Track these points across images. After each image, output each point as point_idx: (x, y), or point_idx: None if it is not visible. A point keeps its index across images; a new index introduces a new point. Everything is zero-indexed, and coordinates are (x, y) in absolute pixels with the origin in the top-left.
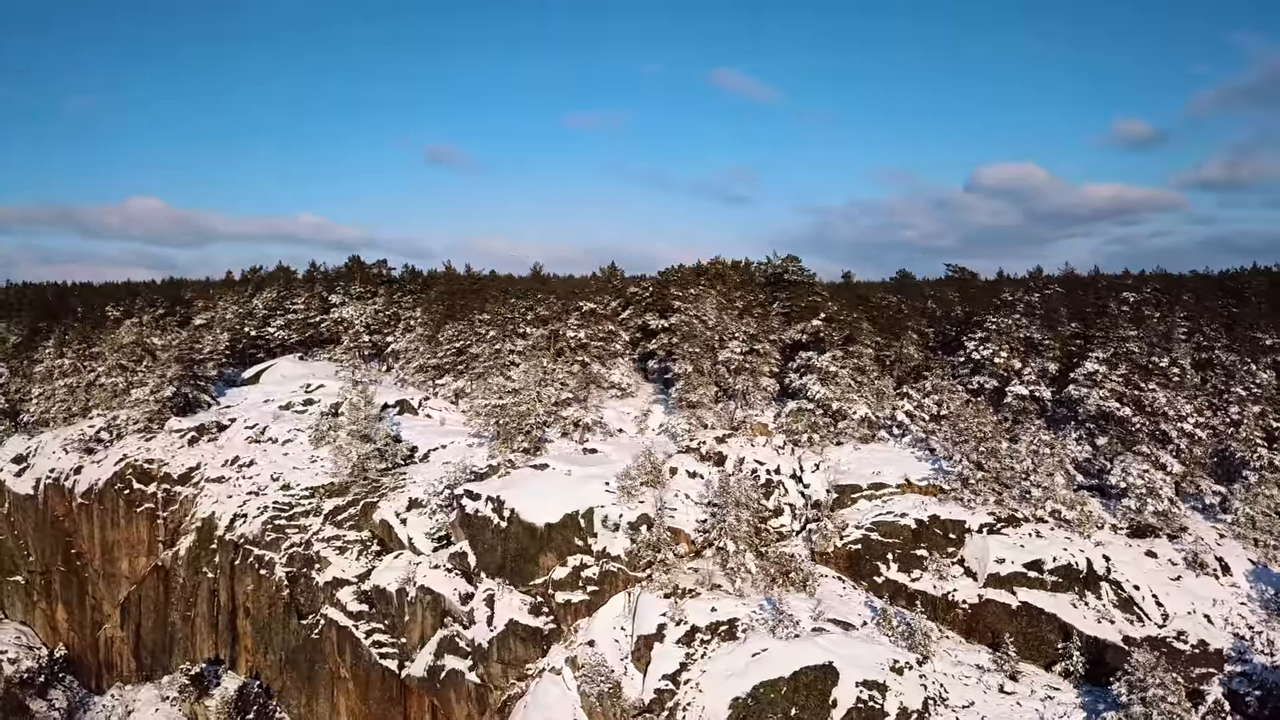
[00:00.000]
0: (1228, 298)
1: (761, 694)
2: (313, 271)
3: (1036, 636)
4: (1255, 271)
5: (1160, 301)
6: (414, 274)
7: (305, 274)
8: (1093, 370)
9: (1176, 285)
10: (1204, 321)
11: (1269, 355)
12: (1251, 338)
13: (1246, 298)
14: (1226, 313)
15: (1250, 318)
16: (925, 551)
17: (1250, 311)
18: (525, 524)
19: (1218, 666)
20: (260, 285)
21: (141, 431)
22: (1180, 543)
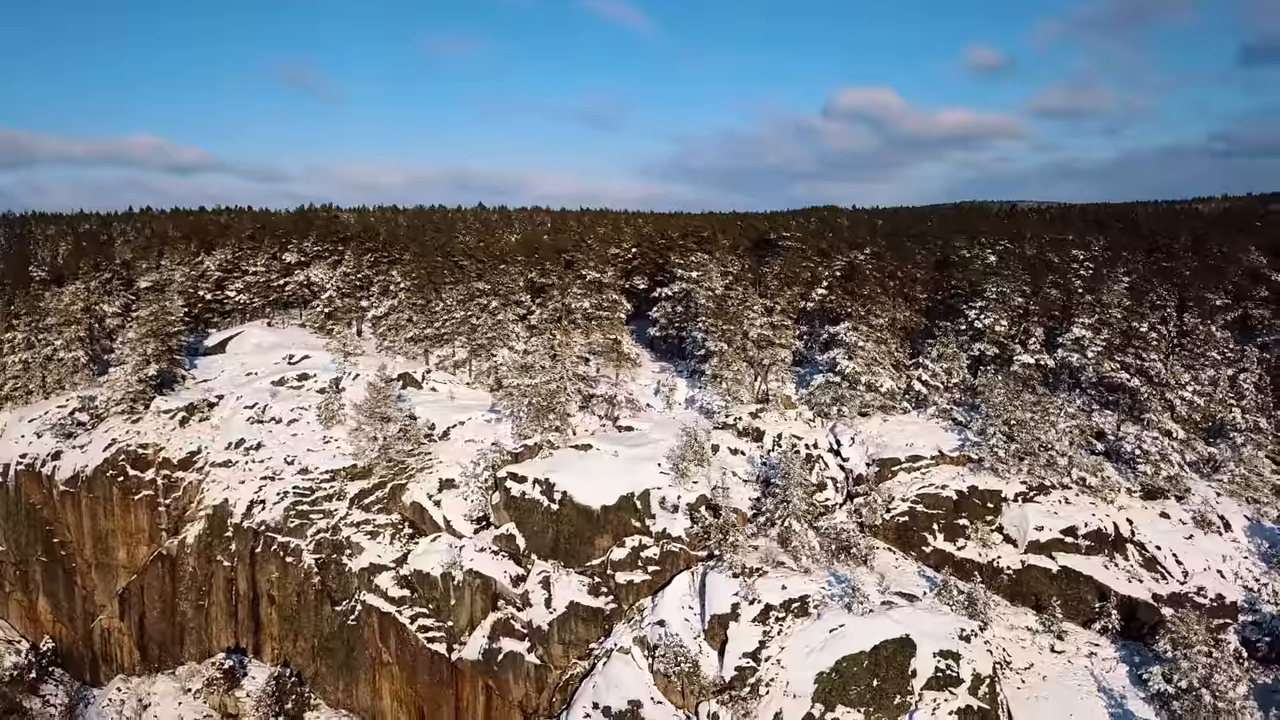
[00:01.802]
0: (1152, 238)
1: (844, 668)
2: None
3: (1075, 597)
4: (1161, 211)
5: (1104, 260)
6: (369, 231)
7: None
8: (1079, 335)
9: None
10: (1156, 283)
11: (1221, 315)
12: (1203, 298)
13: (1173, 249)
14: (1157, 265)
15: (1184, 270)
16: (966, 521)
17: (1183, 264)
18: (580, 506)
19: (1233, 617)
20: (204, 242)
21: (125, 413)
22: (1187, 503)
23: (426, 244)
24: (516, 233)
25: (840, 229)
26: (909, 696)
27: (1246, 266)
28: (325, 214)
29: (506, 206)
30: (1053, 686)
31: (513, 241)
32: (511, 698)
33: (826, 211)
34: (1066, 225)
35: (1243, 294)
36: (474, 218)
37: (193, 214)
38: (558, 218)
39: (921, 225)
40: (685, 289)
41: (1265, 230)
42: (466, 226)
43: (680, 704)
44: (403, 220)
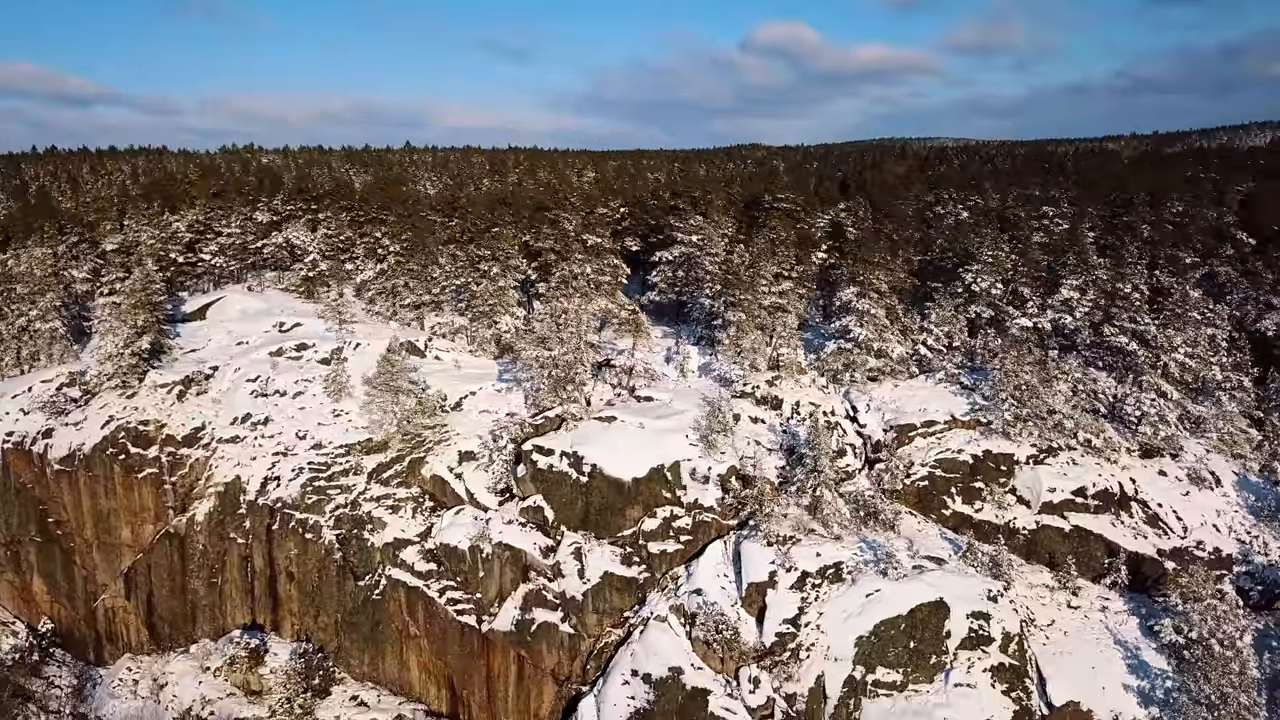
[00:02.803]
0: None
1: (883, 631)
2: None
3: (1086, 554)
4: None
5: (1068, 214)
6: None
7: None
8: (1067, 296)
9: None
10: (1127, 240)
11: (1191, 273)
12: (1174, 256)
13: (1132, 202)
14: (1118, 220)
15: (1141, 224)
16: (981, 483)
17: (1141, 217)
18: (610, 479)
19: (1228, 568)
20: (168, 199)
21: (119, 388)
22: (1181, 461)
23: (405, 201)
24: (456, 177)
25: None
26: (944, 656)
27: (1209, 225)
28: (247, 155)
29: (436, 147)
30: (1074, 641)
31: (483, 190)
32: (544, 666)
33: (762, 154)
34: (1020, 175)
35: (1209, 251)
36: (402, 158)
37: (110, 154)
38: (494, 158)
39: (854, 166)
40: (686, 253)
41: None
42: (412, 166)
43: (719, 669)
44: (335, 162)
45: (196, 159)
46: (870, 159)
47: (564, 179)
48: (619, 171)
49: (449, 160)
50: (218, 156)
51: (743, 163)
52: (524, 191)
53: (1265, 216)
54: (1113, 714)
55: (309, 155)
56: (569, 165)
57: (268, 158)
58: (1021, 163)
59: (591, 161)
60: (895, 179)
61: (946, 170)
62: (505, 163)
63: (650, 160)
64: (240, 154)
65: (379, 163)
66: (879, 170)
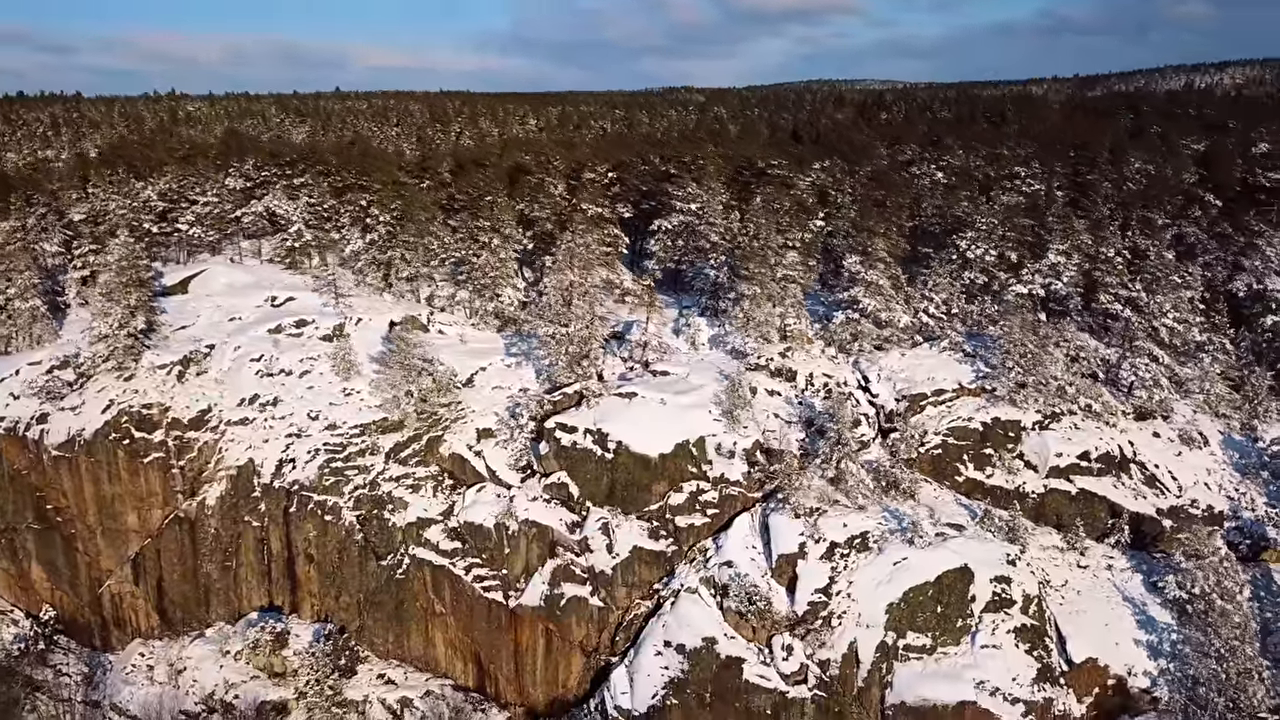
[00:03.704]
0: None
1: (911, 597)
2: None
3: (1090, 515)
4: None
5: (1039, 173)
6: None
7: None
8: (1055, 262)
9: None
10: (1099, 201)
11: (1162, 234)
12: (1146, 218)
13: (1095, 161)
14: (1081, 178)
15: (1104, 182)
16: (991, 450)
17: (1104, 175)
18: (637, 455)
19: (1219, 524)
20: (131, 165)
21: (115, 370)
22: (1172, 422)
23: (373, 158)
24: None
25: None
26: (969, 619)
27: (1176, 185)
28: (172, 103)
29: (369, 92)
30: (1087, 600)
31: (451, 145)
32: (572, 638)
33: (701, 99)
34: (964, 125)
35: (1178, 213)
36: (334, 106)
37: (19, 101)
38: (433, 106)
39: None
40: (685, 222)
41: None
42: (350, 116)
43: (751, 638)
44: (269, 112)
45: (116, 106)
46: (809, 105)
47: (506, 127)
48: (562, 119)
49: (387, 109)
50: (140, 104)
51: (683, 109)
52: (488, 148)
53: (1225, 175)
54: (1126, 667)
55: (237, 104)
56: (509, 113)
57: (193, 105)
58: (956, 109)
59: (530, 108)
60: (862, 136)
61: (891, 119)
62: (446, 111)
63: (590, 106)
64: (165, 102)
65: (315, 112)
66: (819, 116)
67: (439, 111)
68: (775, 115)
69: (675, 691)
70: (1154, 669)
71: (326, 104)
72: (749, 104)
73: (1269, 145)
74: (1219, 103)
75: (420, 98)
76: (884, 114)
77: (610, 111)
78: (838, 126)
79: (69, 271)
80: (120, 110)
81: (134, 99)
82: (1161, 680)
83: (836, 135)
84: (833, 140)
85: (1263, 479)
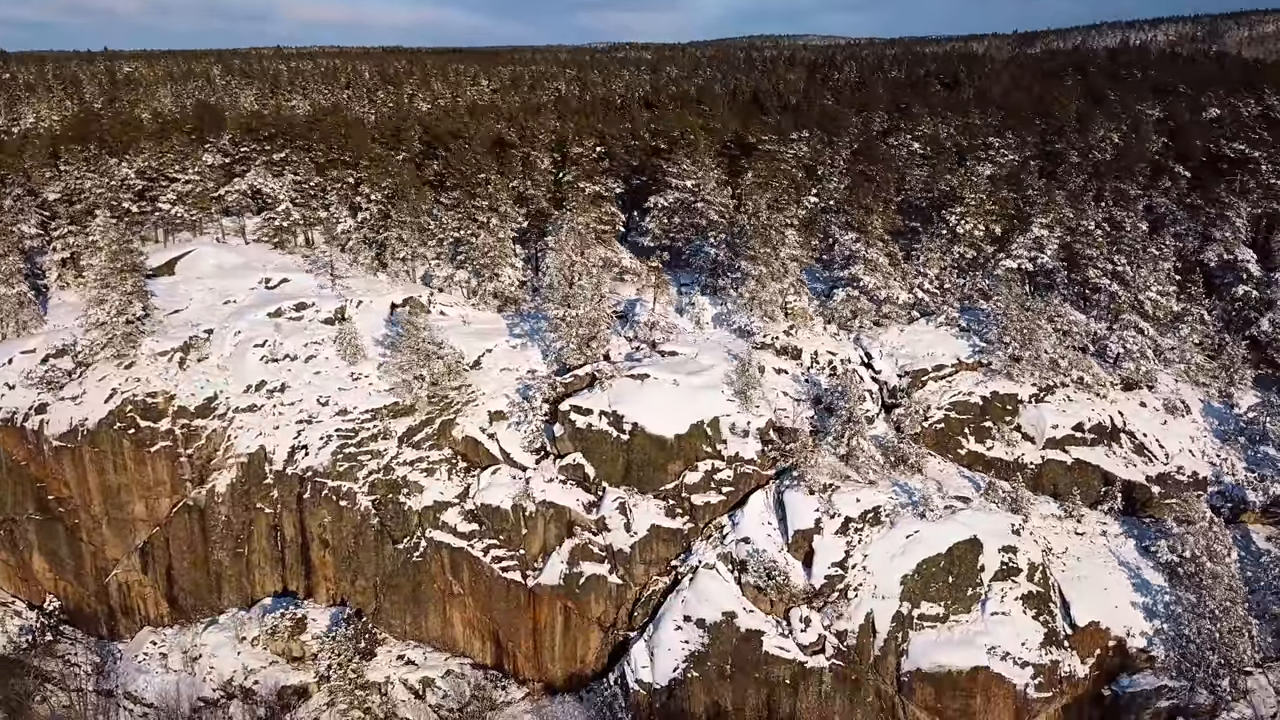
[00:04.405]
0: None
1: (924, 569)
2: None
3: (1085, 484)
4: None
5: (1012, 144)
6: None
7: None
8: (1038, 235)
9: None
10: (1074, 173)
11: (1135, 205)
12: (1119, 189)
13: (1062, 129)
14: (1050, 147)
15: (1071, 151)
16: (990, 423)
17: (1070, 144)
18: (652, 436)
19: (1203, 489)
20: (102, 141)
21: (115, 358)
22: (1157, 391)
23: (347, 129)
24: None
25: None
26: (979, 588)
27: (1144, 155)
28: (108, 62)
29: (310, 48)
30: (1086, 566)
31: (410, 110)
32: (591, 615)
33: (652, 57)
34: (921, 87)
35: (1149, 184)
36: (277, 68)
37: None
38: (380, 66)
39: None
40: (681, 199)
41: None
42: (299, 78)
43: (769, 611)
44: (219, 74)
45: (48, 66)
46: (760, 66)
47: (459, 89)
48: (514, 80)
49: (336, 71)
50: (73, 64)
51: (635, 69)
52: (457, 116)
53: (1188, 145)
54: (1125, 629)
55: (177, 63)
56: (460, 74)
57: (130, 66)
58: (907, 69)
59: (480, 68)
60: (833, 105)
61: (845, 81)
62: (397, 73)
63: (540, 66)
64: (101, 62)
65: (260, 74)
66: (773, 77)
67: (389, 74)
68: (729, 76)
69: (696, 664)
70: (1150, 629)
71: (270, 64)
72: (700, 64)
73: (1219, 110)
74: (1160, 63)
75: (361, 55)
76: (836, 74)
77: (563, 72)
78: (803, 93)
79: (48, 253)
80: (54, 72)
81: (65, 56)
82: (1157, 640)
83: (806, 102)
84: (802, 108)
85: (1240, 444)
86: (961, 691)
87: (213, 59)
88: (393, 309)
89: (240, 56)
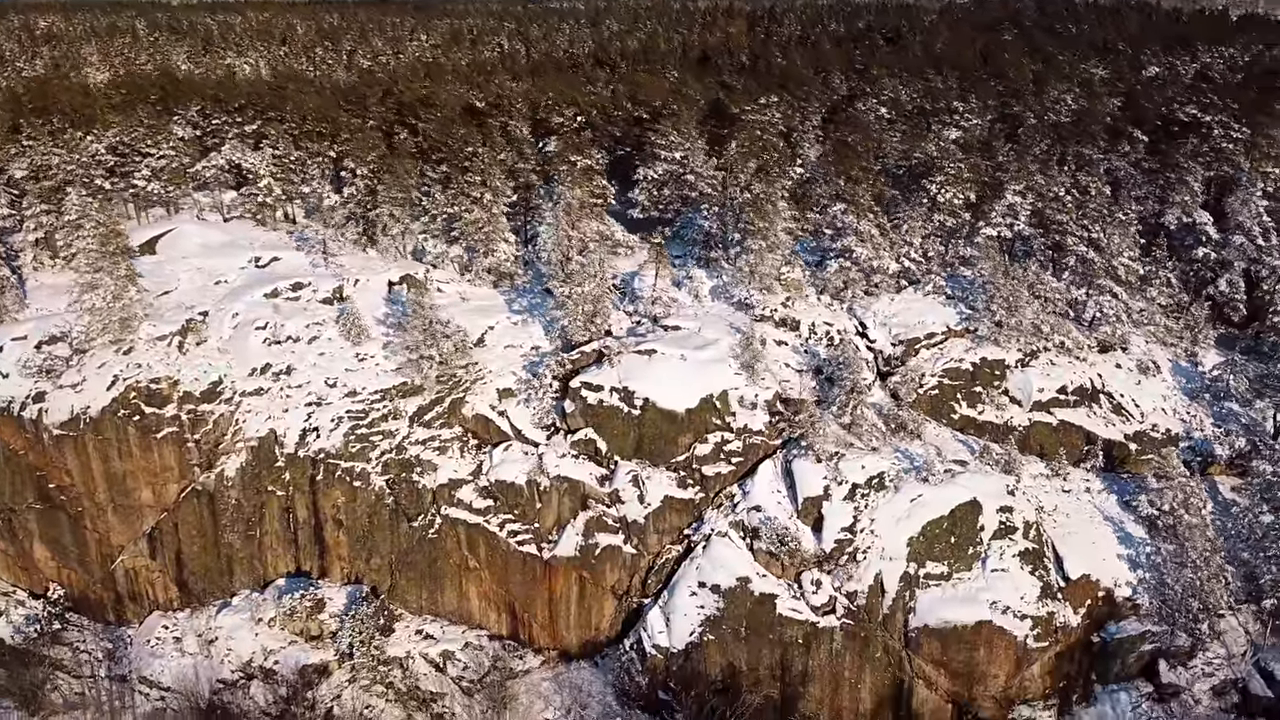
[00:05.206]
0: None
1: (929, 530)
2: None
3: (1069, 443)
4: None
5: (976, 108)
6: None
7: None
8: (1011, 202)
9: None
10: (1037, 137)
11: (1097, 169)
12: (1081, 153)
13: (1020, 91)
14: (1009, 110)
15: (1029, 115)
16: (980, 388)
17: (1028, 107)
18: (663, 410)
19: (1175, 444)
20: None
21: (113, 344)
22: (1130, 353)
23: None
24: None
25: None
26: (979, 547)
27: (1100, 118)
28: (20, 15)
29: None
30: (1075, 522)
31: (379, 78)
32: (605, 583)
33: (580, 4)
34: (865, 42)
35: (1109, 148)
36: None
37: None
38: (317, 20)
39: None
40: (670, 171)
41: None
42: (233, 34)
43: (781, 575)
44: (145, 30)
45: None
46: (700, 19)
47: (400, 45)
48: (454, 36)
49: (271, 28)
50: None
51: (574, 22)
52: (416, 80)
53: (1138, 109)
54: (1113, 580)
55: (96, 17)
56: (397, 28)
57: (46, 21)
58: (846, 23)
59: (418, 21)
60: (794, 68)
61: (789, 36)
62: (334, 29)
63: (477, 20)
64: (13, 15)
65: (190, 31)
66: (713, 30)
67: (326, 30)
68: (670, 31)
69: (711, 627)
70: (1134, 579)
71: (198, 19)
72: (639, 17)
73: (1158, 69)
74: (1088, 14)
75: (289, 7)
76: (778, 27)
77: (502, 26)
78: (753, 52)
79: (20, 234)
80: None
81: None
82: (1141, 589)
83: (763, 62)
84: (760, 68)
85: (1206, 401)
86: (966, 644)
87: (134, 12)
88: (390, 287)
89: (168, 11)
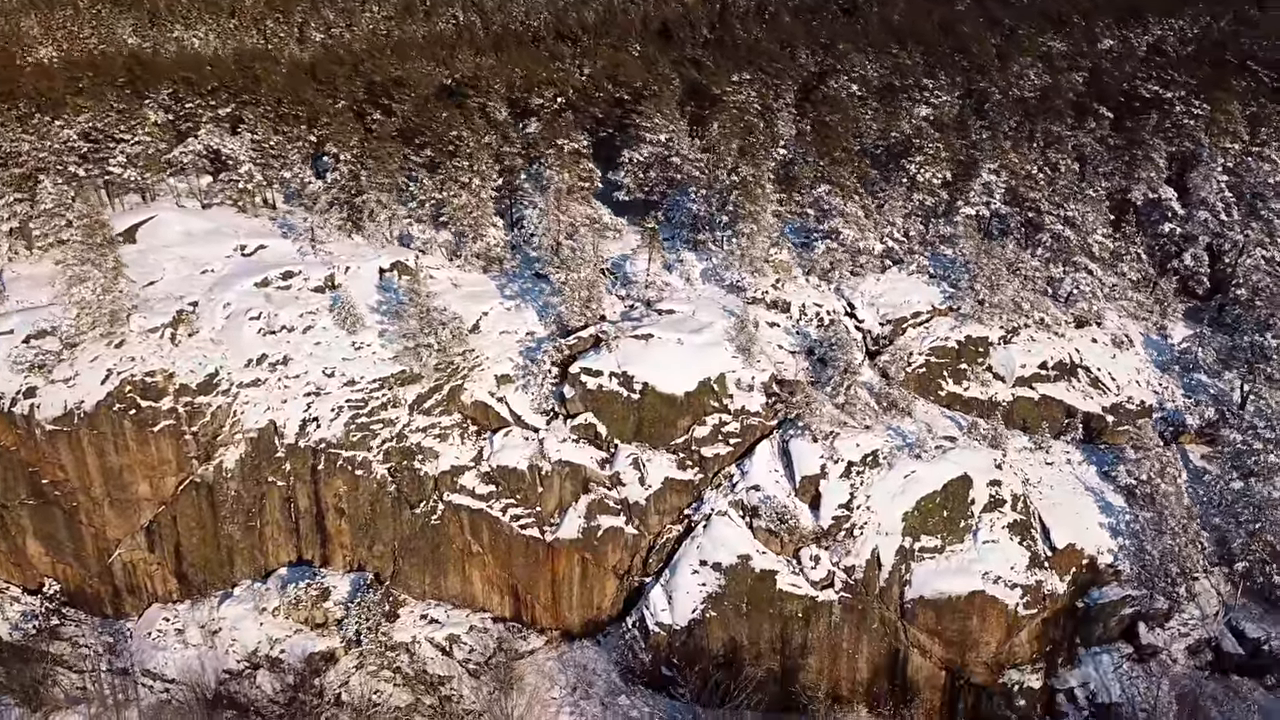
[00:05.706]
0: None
1: (923, 505)
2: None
3: (1050, 417)
4: None
5: (944, 85)
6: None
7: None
8: (987, 180)
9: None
10: (1005, 114)
11: (1065, 146)
12: (1049, 130)
13: (985, 68)
14: (976, 87)
15: (994, 91)
16: (965, 365)
17: (993, 83)
18: (663, 394)
19: (1149, 415)
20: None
21: (104, 337)
22: (1105, 328)
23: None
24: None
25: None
26: (970, 520)
27: (1064, 94)
28: None
29: None
30: (1059, 493)
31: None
32: (607, 564)
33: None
34: (821, 13)
35: (1076, 124)
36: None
37: None
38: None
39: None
40: (655, 153)
41: None
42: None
43: (780, 551)
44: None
45: None
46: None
47: (352, 16)
48: (408, 7)
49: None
50: None
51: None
52: (384, 58)
53: (1103, 84)
54: (1096, 548)
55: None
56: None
57: None
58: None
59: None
60: (762, 43)
61: (745, 7)
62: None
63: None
64: None
65: (135, 3)
66: (669, 2)
67: (276, 1)
68: (626, 1)
69: (713, 604)
70: (1115, 546)
71: None
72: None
73: (1112, 41)
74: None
75: None
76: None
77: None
78: (712, 25)
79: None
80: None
81: None
82: (1121, 555)
83: (726, 35)
84: (725, 42)
85: (1176, 373)
86: (960, 614)
87: None
88: (381, 274)
89: None
